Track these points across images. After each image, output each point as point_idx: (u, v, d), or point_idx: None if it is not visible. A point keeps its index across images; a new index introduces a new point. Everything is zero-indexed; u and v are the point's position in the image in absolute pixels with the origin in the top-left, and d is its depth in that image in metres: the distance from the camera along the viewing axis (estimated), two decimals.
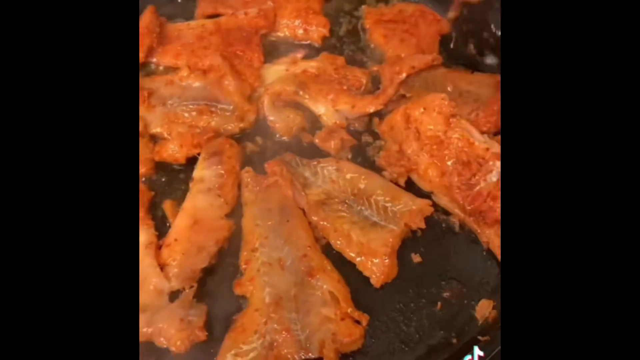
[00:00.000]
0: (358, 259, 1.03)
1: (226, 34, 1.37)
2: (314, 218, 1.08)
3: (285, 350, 0.94)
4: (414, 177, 1.17)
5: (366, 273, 1.02)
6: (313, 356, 0.93)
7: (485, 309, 1.02)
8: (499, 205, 1.03)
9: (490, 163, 1.08)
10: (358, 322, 0.97)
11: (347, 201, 1.10)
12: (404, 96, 1.27)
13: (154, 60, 1.35)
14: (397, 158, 1.15)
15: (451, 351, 0.97)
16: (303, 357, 0.93)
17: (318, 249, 1.05)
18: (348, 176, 1.13)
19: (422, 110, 1.15)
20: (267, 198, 1.11)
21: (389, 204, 1.08)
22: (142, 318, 0.94)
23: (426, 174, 1.14)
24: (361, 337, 0.96)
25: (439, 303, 1.03)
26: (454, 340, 0.99)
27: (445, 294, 1.04)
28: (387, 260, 1.01)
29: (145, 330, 0.93)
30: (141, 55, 1.30)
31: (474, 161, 1.10)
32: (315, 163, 1.16)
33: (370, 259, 1.02)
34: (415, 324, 1.01)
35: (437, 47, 1.38)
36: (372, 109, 1.23)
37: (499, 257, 1.04)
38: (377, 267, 1.01)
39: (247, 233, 1.08)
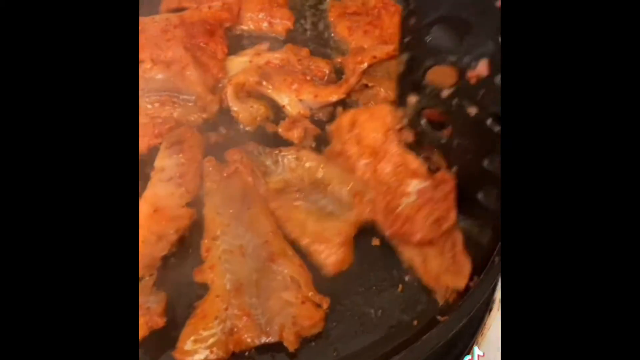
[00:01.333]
0: (311, 248, 1.04)
1: (190, 27, 1.36)
2: (272, 206, 1.08)
3: (246, 335, 0.94)
4: None
5: (319, 262, 1.03)
6: (273, 340, 0.94)
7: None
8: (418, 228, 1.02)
9: (412, 182, 1.08)
10: (319, 305, 0.98)
11: (304, 190, 1.11)
12: (366, 86, 1.28)
13: None
14: (337, 156, 1.16)
15: (410, 332, 0.98)
16: (263, 341, 0.94)
17: (280, 235, 1.05)
18: (307, 165, 1.13)
19: (367, 117, 1.17)
20: (228, 186, 1.11)
21: (345, 195, 1.09)
22: None
23: None
24: (321, 320, 0.97)
25: (400, 286, 1.04)
26: (414, 322, 1.00)
27: (407, 277, 1.05)
28: (340, 250, 1.02)
29: None
30: None
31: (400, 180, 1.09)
32: (276, 152, 1.16)
33: (323, 249, 1.02)
34: (377, 306, 1.01)
35: (399, 37, 1.40)
36: (334, 98, 1.24)
37: (422, 278, 1.03)
38: (329, 257, 1.02)
39: (209, 221, 1.07)
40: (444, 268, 1.00)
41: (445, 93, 1.29)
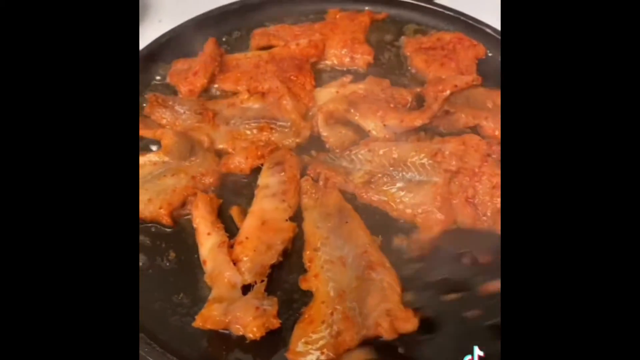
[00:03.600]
0: (416, 219, 1.16)
1: (280, 62, 1.50)
2: (366, 197, 1.21)
3: (348, 337, 1.00)
4: None
5: (427, 226, 1.14)
6: (370, 333, 0.99)
7: None
8: None
9: None
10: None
11: (388, 173, 1.23)
12: (447, 112, 1.37)
13: (216, 86, 1.48)
14: None
15: None
16: (363, 335, 0.99)
17: (376, 246, 1.12)
18: (381, 152, 1.26)
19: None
20: (325, 203, 1.21)
21: (424, 160, 1.21)
22: (220, 308, 1.01)
23: None
24: (415, 316, 1.00)
25: None
26: None
27: None
28: (441, 210, 1.14)
29: (221, 319, 1.00)
30: (204, 81, 1.44)
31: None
32: (347, 152, 1.29)
33: (426, 215, 1.15)
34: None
35: (475, 69, 1.49)
36: (419, 123, 1.33)
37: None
38: (433, 219, 1.14)
39: (309, 235, 1.16)
40: None
41: None
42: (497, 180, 1.17)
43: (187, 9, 1.64)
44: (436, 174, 1.19)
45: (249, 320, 0.98)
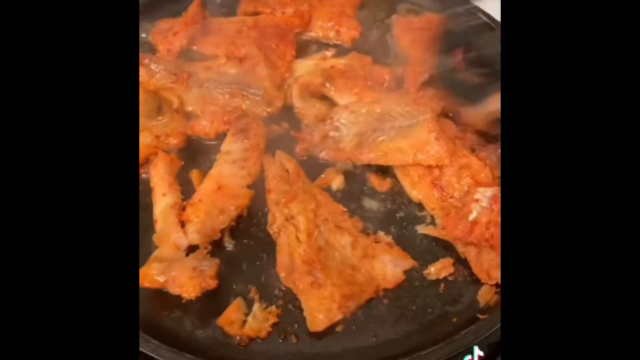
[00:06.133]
0: (417, 157, 1.12)
1: (263, 29, 1.47)
2: (365, 158, 1.17)
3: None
4: None
5: (432, 162, 1.12)
6: None
7: (487, 294, 1.05)
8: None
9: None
10: None
11: (378, 128, 1.20)
12: (425, 96, 1.34)
13: (195, 48, 1.46)
14: None
15: (450, 327, 1.00)
16: None
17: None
18: (364, 110, 1.23)
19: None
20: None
21: (407, 107, 1.19)
22: (159, 267, 1.01)
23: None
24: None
25: (442, 284, 1.07)
26: (454, 319, 1.02)
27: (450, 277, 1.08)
28: (440, 142, 1.11)
29: (159, 278, 1.00)
30: (184, 42, 1.42)
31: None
32: (329, 121, 1.25)
33: (426, 150, 1.12)
34: (419, 300, 1.04)
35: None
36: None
37: (474, 269, 1.06)
38: (435, 151, 1.11)
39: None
40: (495, 263, 1.02)
41: None
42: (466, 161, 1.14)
43: None
44: (424, 113, 1.16)
45: (184, 280, 0.98)
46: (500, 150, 1.15)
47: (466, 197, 1.11)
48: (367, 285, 1.00)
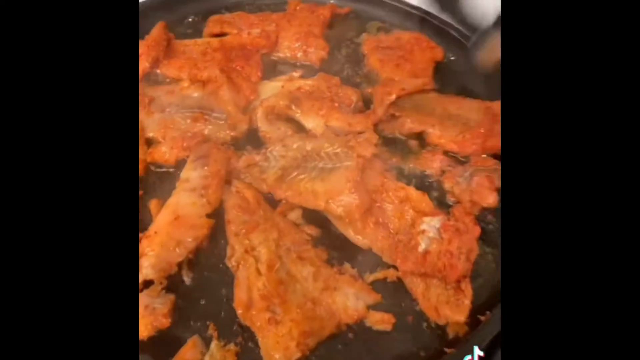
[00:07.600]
0: (330, 206, 1.07)
1: (229, 51, 1.44)
2: (282, 194, 1.13)
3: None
4: None
5: (339, 213, 1.06)
6: None
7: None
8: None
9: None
10: None
11: (301, 166, 1.16)
12: (393, 115, 1.31)
13: (159, 71, 1.42)
14: None
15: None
16: None
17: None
18: (294, 146, 1.20)
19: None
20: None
21: (338, 149, 1.15)
22: None
23: None
24: None
25: (411, 317, 1.02)
26: (421, 353, 0.98)
27: (417, 307, 1.03)
28: (354, 193, 1.05)
29: None
30: (147, 65, 1.38)
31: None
32: (263, 151, 1.22)
33: (340, 199, 1.06)
34: (385, 334, 0.99)
35: (431, 72, 1.42)
36: (361, 127, 1.26)
37: (422, 307, 1.02)
38: (346, 203, 1.06)
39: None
40: (444, 299, 0.98)
41: None
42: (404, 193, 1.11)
43: None
44: (348, 159, 1.12)
45: None
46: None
47: (412, 230, 1.07)
48: (328, 320, 0.95)
